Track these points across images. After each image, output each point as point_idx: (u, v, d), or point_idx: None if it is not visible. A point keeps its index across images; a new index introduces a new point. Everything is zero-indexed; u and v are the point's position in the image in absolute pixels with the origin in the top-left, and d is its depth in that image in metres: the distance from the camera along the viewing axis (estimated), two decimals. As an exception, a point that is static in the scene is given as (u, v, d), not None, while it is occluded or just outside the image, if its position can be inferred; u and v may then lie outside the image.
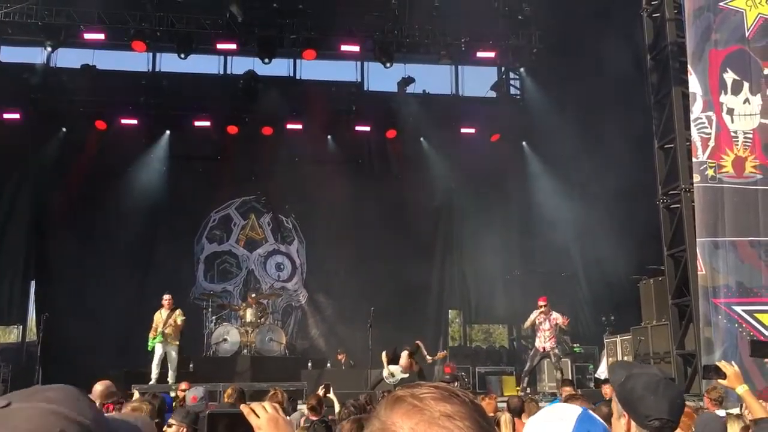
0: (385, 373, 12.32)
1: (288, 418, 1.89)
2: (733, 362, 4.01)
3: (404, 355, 12.28)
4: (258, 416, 1.75)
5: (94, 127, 17.22)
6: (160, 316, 12.11)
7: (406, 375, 12.18)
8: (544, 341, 12.32)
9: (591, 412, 1.88)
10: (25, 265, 17.32)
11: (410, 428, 1.05)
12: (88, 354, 14.73)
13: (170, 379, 11.83)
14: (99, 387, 6.16)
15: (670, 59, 11.91)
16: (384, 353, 12.58)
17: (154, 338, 11.95)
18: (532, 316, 12.36)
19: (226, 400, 7.14)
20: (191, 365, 13.17)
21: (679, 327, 11.67)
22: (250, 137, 17.91)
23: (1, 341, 20.40)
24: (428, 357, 13.25)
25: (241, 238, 18.77)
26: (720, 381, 4.04)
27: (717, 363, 4.04)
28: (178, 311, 12.15)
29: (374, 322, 13.42)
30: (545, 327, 12.32)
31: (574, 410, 1.87)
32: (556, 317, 12.22)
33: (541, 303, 12.41)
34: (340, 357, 15.49)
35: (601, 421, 1.88)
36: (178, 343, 12.22)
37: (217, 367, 13.64)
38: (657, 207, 12.19)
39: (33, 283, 17.59)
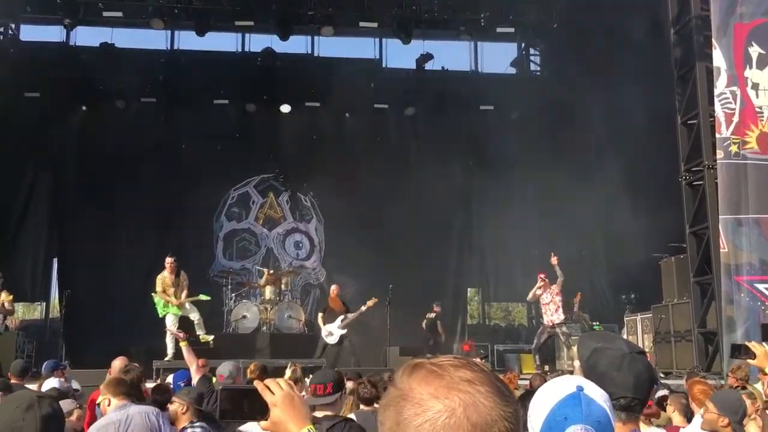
0: (323, 333, 12.81)
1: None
2: (764, 342, 3.95)
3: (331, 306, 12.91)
4: (273, 393, 1.72)
5: (113, 105, 17.26)
6: (166, 281, 11.81)
7: (344, 330, 12.73)
8: (549, 315, 12.55)
9: (586, 392, 1.73)
10: (47, 243, 17.52)
11: (429, 393, 1.04)
12: (109, 330, 14.94)
13: (201, 332, 11.80)
14: (117, 363, 6.25)
15: (693, 33, 11.67)
16: (320, 315, 13.13)
17: (166, 306, 11.71)
18: (533, 290, 12.68)
19: (248, 375, 7.18)
20: (211, 342, 13.28)
21: (700, 305, 11.55)
22: (268, 115, 17.90)
23: (26, 318, 20.71)
24: (362, 308, 13.15)
25: (259, 216, 18.83)
26: (749, 360, 3.97)
27: (746, 343, 3.98)
28: (182, 274, 12.03)
29: (393, 301, 13.45)
30: (546, 301, 12.56)
31: (561, 388, 1.75)
32: (554, 288, 12.41)
33: (539, 277, 12.72)
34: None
35: (600, 401, 1.75)
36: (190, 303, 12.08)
37: (236, 344, 13.73)
38: (679, 184, 12.02)
39: (55, 260, 17.80)
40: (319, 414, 3.76)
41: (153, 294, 11.93)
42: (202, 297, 12.34)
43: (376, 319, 14.70)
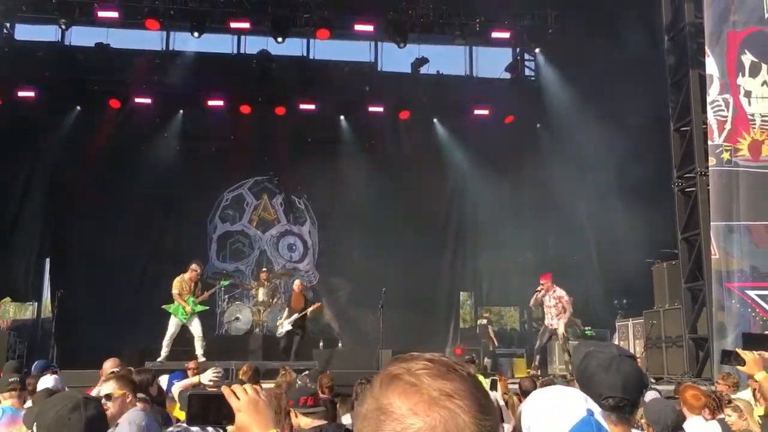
0: (277, 323, 13.34)
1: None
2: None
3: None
4: (238, 398, 1.77)
5: (107, 105, 17.23)
6: (184, 286, 11.67)
7: (291, 327, 12.86)
8: (550, 318, 12.52)
9: (594, 417, 1.74)
10: (41, 243, 17.48)
11: (409, 409, 1.02)
12: (101, 331, 14.87)
13: (200, 352, 11.54)
14: (108, 364, 6.25)
15: (687, 40, 11.74)
16: (287, 310, 13.30)
17: (177, 309, 11.58)
18: (534, 296, 12.70)
19: (240, 377, 7.19)
20: (204, 344, 13.25)
21: (691, 311, 11.61)
22: (263, 117, 17.90)
23: (17, 318, 20.63)
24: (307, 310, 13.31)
25: (253, 219, 18.83)
26: (739, 367, 4.00)
27: (736, 349, 4.01)
28: (200, 285, 12.04)
29: (386, 304, 13.45)
30: (549, 304, 12.53)
31: (575, 411, 1.74)
32: (560, 294, 12.31)
33: (541, 281, 12.66)
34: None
35: (606, 426, 1.76)
36: None
37: (229, 346, 13.72)
38: (672, 190, 12.09)
39: (48, 260, 17.75)
40: (308, 424, 3.86)
41: (164, 306, 11.81)
42: (224, 282, 13.19)
43: (368, 322, 14.73)
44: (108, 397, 3.95)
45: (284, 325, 12.94)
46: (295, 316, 12.97)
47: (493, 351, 15.31)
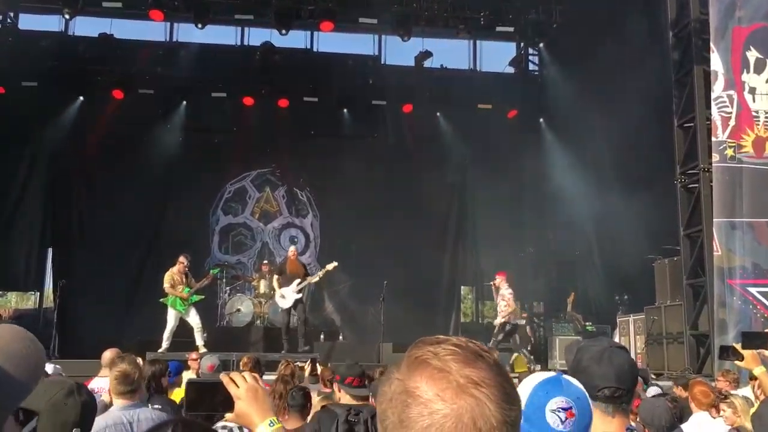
0: (276, 296, 12.71)
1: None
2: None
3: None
4: (237, 386, 1.78)
5: (111, 96, 17.20)
6: (175, 278, 11.78)
7: (299, 295, 12.43)
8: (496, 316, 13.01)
9: (565, 377, 1.94)
10: (42, 232, 17.49)
11: (435, 394, 1.02)
12: (102, 321, 14.92)
13: (201, 342, 11.62)
14: (108, 354, 6.26)
15: (692, 36, 11.69)
16: (275, 278, 12.91)
17: (174, 301, 11.67)
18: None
19: (242, 368, 7.19)
20: (204, 335, 13.28)
21: (693, 307, 11.59)
22: (265, 109, 17.88)
23: (19, 307, 20.69)
24: (319, 273, 13.20)
25: (255, 211, 18.83)
26: (737, 362, 4.00)
27: (734, 344, 4.00)
28: (191, 277, 12.09)
29: (387, 297, 13.48)
30: (496, 301, 13.11)
31: (538, 377, 1.94)
32: (503, 293, 12.84)
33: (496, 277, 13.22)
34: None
35: (577, 385, 1.93)
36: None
37: (230, 338, 13.75)
38: (674, 186, 12.07)
39: (50, 250, 17.78)
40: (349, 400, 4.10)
41: (162, 300, 11.90)
42: (213, 271, 13.00)
43: (370, 315, 14.75)
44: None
45: (288, 295, 12.36)
46: (309, 279, 12.71)
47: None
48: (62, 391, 2.47)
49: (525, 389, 1.86)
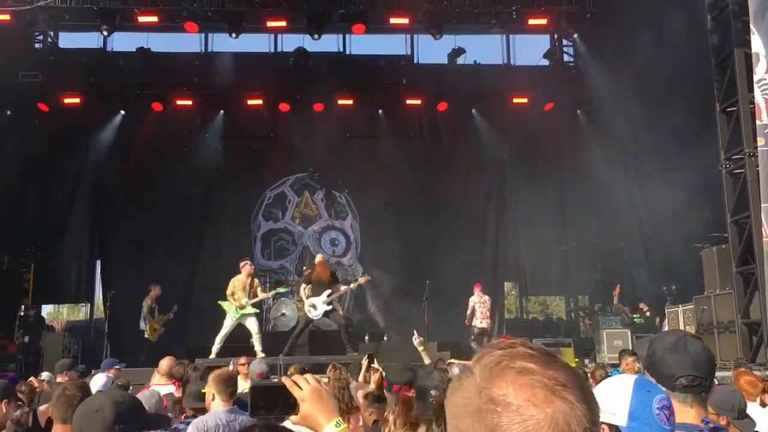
0: (306, 306, 12.17)
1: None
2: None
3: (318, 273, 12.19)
4: (301, 389, 1.79)
5: (150, 108, 17.55)
6: (237, 284, 11.88)
7: (329, 306, 11.91)
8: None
9: (646, 377, 1.97)
10: (90, 245, 17.96)
11: (527, 400, 0.97)
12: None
13: (259, 348, 11.71)
14: (165, 362, 6.40)
15: (731, 19, 11.43)
16: (303, 287, 12.40)
17: (241, 308, 11.76)
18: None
19: (290, 374, 7.27)
20: (251, 339, 13.43)
21: (743, 295, 11.34)
22: (301, 114, 18.02)
23: (71, 319, 21.20)
24: (351, 285, 13.03)
25: (296, 215, 19.00)
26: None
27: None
28: (256, 280, 12.26)
29: (430, 296, 13.48)
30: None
31: (630, 378, 1.93)
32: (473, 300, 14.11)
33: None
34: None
35: (659, 385, 1.96)
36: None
37: (275, 342, 13.84)
38: (719, 172, 11.82)
39: (98, 262, 18.20)
40: None
41: (220, 302, 12.04)
42: (280, 290, 13.46)
43: (413, 315, 14.75)
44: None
45: (319, 306, 11.96)
46: (342, 289, 12.42)
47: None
48: (100, 402, 2.58)
49: (621, 391, 1.86)
